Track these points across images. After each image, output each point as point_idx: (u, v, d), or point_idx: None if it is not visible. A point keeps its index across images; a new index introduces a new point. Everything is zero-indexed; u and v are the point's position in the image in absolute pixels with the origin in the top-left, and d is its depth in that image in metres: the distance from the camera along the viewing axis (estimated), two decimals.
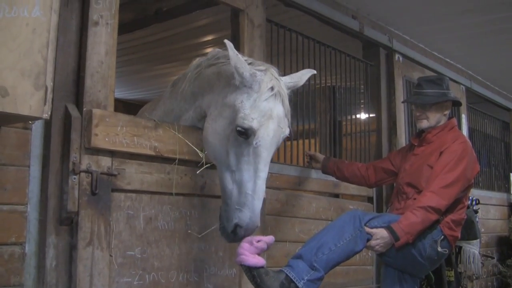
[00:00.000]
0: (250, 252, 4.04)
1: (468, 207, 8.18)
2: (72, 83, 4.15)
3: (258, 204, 3.90)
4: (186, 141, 4.40)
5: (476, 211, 8.50)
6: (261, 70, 4.10)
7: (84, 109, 4.05)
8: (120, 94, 12.80)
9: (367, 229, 4.80)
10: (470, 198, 8.72)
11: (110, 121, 4.10)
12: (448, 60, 9.67)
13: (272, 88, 4.02)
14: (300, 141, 7.11)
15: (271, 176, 5.78)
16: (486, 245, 9.89)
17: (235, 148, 3.97)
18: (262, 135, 3.92)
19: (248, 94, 3.99)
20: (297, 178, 6.33)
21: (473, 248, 8.07)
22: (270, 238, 4.18)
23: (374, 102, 8.07)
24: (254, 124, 3.89)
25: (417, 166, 5.33)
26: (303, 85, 7.03)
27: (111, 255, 4.10)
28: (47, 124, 3.94)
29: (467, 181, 5.17)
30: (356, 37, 7.73)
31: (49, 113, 3.26)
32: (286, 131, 4.15)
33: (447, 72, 9.55)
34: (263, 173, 3.95)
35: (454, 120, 5.56)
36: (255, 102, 3.95)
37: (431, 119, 5.43)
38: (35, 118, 3.34)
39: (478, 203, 8.88)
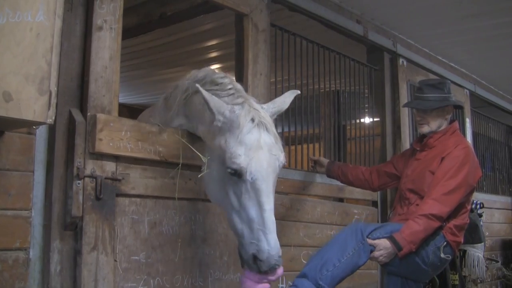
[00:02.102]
0: (254, 281, 3.88)
1: (472, 211, 8.19)
2: (76, 88, 4.15)
3: (272, 237, 3.77)
4: (190, 146, 4.39)
5: (480, 215, 8.49)
6: (238, 104, 4.00)
7: (88, 114, 4.05)
8: (125, 98, 12.80)
9: (370, 241, 4.81)
10: (474, 201, 8.72)
11: (115, 126, 4.10)
12: (453, 65, 9.66)
13: (252, 120, 3.90)
14: (305, 146, 7.12)
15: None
16: (490, 249, 9.87)
17: (233, 188, 3.89)
18: (255, 168, 3.80)
19: (230, 132, 3.88)
20: (302, 182, 6.32)
21: (477, 252, 8.06)
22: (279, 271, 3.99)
23: (379, 107, 8.06)
24: (242, 161, 3.78)
25: (419, 171, 5.29)
26: (307, 89, 7.05)
27: (115, 260, 4.10)
28: (51, 129, 3.94)
29: (470, 187, 5.14)
30: (360, 41, 7.73)
31: (53, 118, 3.26)
32: (281, 158, 4.00)
33: (452, 76, 9.53)
34: (268, 205, 3.83)
35: (456, 124, 5.52)
36: (238, 138, 3.83)
37: (432, 124, 5.38)
38: (39, 123, 3.33)
39: (482, 206, 8.87)
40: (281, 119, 6.59)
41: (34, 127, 3.75)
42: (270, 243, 3.73)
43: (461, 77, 9.94)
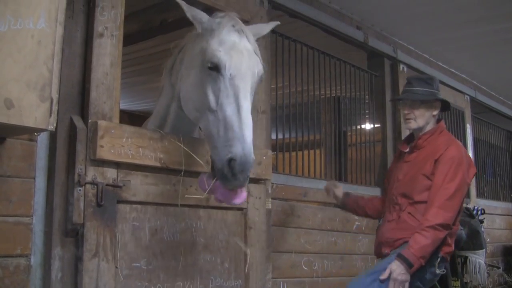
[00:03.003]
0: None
1: (473, 217, 8.19)
2: (77, 95, 4.16)
3: (248, 135, 3.69)
4: (191, 153, 4.39)
5: (481, 221, 8.48)
6: (221, 16, 4.13)
7: (90, 120, 4.06)
8: (125, 105, 12.81)
9: (383, 276, 4.70)
10: (475, 207, 8.73)
11: (116, 133, 4.10)
12: (453, 70, 9.67)
13: (233, 26, 4.03)
14: (306, 152, 7.11)
15: (276, 187, 5.79)
16: (491, 255, 9.86)
17: (211, 86, 3.89)
18: (233, 65, 3.85)
19: (211, 35, 3.99)
20: (303, 189, 6.32)
21: (478, 258, 8.05)
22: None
23: (379, 112, 8.06)
24: (222, 55, 3.85)
25: (411, 175, 5.13)
26: (308, 96, 7.05)
27: (116, 267, 4.10)
28: (53, 135, 3.94)
29: (467, 186, 5.07)
30: (360, 47, 7.74)
31: (55, 124, 3.27)
32: (260, 66, 4.06)
33: (452, 82, 9.56)
34: (245, 103, 3.82)
35: (443, 123, 5.39)
36: (219, 37, 3.94)
37: (419, 118, 5.20)
38: (40, 130, 3.34)
39: (483, 213, 8.87)
40: (281, 125, 6.60)
41: (35, 133, 3.75)
42: (245, 140, 3.66)
43: (461, 83, 9.96)
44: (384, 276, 4.68)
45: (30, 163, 3.82)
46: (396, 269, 4.63)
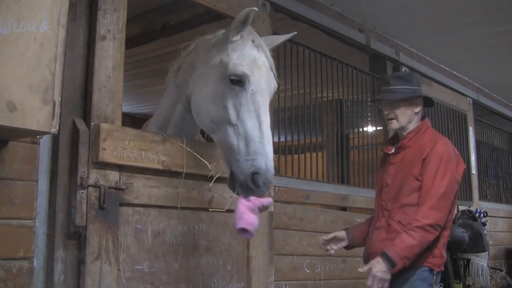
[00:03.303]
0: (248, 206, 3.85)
1: (476, 220, 8.18)
2: (80, 98, 4.16)
3: (270, 149, 3.83)
4: (195, 153, 4.39)
5: (484, 224, 8.47)
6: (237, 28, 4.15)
7: (92, 123, 4.06)
8: (128, 108, 12.81)
9: (362, 269, 4.57)
10: (478, 210, 8.71)
11: (118, 136, 4.10)
12: (455, 73, 9.67)
13: (253, 41, 4.10)
14: (308, 155, 7.11)
15: (278, 190, 5.79)
16: (494, 258, 9.85)
17: (232, 100, 3.95)
18: (256, 81, 3.96)
19: (233, 48, 4.05)
20: (305, 191, 6.32)
21: (481, 261, 8.05)
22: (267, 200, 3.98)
23: (381, 115, 8.04)
24: (246, 69, 3.94)
25: (400, 178, 4.86)
26: (310, 98, 7.06)
27: (119, 269, 4.10)
28: (55, 138, 3.94)
29: (458, 183, 4.85)
30: (362, 50, 7.74)
31: (57, 127, 3.27)
32: (275, 83, 4.20)
33: (454, 85, 9.56)
34: (266, 118, 3.93)
35: (427, 121, 5.12)
36: (241, 52, 4.01)
37: (401, 118, 4.93)
38: (43, 133, 3.35)
39: (486, 215, 8.85)
40: (283, 128, 6.61)
41: (38, 136, 3.75)
42: (268, 155, 3.79)
43: (463, 85, 9.96)
44: (363, 269, 4.56)
45: (33, 166, 3.82)
46: (377, 266, 4.45)
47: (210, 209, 4.58)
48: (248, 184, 3.77)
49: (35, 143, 3.83)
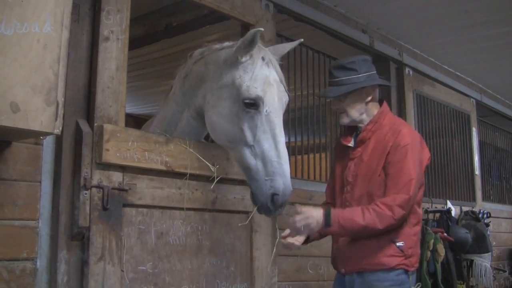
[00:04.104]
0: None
1: (479, 220, 8.17)
2: (83, 99, 4.17)
3: (287, 169, 3.95)
4: (198, 155, 4.40)
5: (487, 225, 8.47)
6: (245, 44, 4.15)
7: (95, 124, 4.06)
8: (131, 109, 12.82)
9: (297, 207, 4.27)
10: (481, 211, 8.71)
11: (121, 136, 4.10)
12: (459, 74, 9.66)
13: (263, 58, 4.14)
14: (311, 155, 7.11)
15: None
16: (497, 259, 9.84)
17: (247, 123, 4.04)
18: (269, 101, 4.04)
19: (244, 69, 4.10)
20: (308, 192, 6.31)
21: (484, 262, 8.05)
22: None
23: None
24: (259, 92, 4.01)
25: (362, 176, 4.48)
26: (314, 99, 7.05)
27: (122, 270, 4.10)
28: (58, 139, 3.94)
29: (423, 173, 4.49)
30: (366, 51, 7.73)
31: (60, 128, 3.27)
32: (286, 96, 4.27)
33: (458, 86, 9.55)
34: (281, 137, 4.02)
35: (386, 106, 4.71)
36: (253, 73, 4.05)
37: (351, 112, 4.54)
38: (46, 134, 3.35)
39: (489, 216, 8.86)
40: (287, 128, 6.61)
41: (41, 137, 3.75)
42: (285, 174, 3.92)
43: (467, 86, 9.94)
44: (298, 209, 4.25)
45: (36, 167, 3.83)
46: (314, 212, 4.21)
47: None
48: (268, 205, 3.94)
49: (38, 144, 3.83)
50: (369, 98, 4.58)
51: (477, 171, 9.98)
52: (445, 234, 7.26)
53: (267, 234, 5.19)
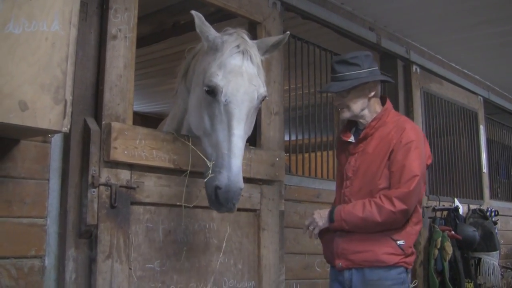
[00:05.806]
0: None
1: (487, 219, 8.16)
2: (91, 97, 4.18)
3: (235, 163, 3.73)
4: (197, 150, 4.37)
5: (495, 223, 8.46)
6: (229, 34, 4.12)
7: (103, 122, 4.07)
8: (138, 107, 12.83)
9: (307, 221, 4.55)
10: (489, 209, 8.70)
11: (129, 134, 4.11)
12: (466, 71, 9.63)
13: (238, 46, 3.99)
14: (318, 153, 7.10)
15: (289, 188, 5.78)
16: (505, 257, 9.81)
17: (207, 110, 3.94)
18: (230, 91, 3.84)
19: (214, 56, 3.99)
20: (316, 190, 6.30)
21: (492, 260, 8.04)
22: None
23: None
24: (219, 80, 3.84)
25: (363, 172, 4.50)
26: (321, 97, 7.05)
27: (130, 268, 4.11)
28: (66, 137, 3.95)
29: (425, 171, 4.50)
30: (373, 49, 7.72)
31: (68, 126, 3.28)
32: (261, 90, 4.02)
33: (465, 83, 9.53)
34: (237, 130, 3.81)
35: (389, 103, 4.74)
36: (220, 60, 3.92)
37: (353, 107, 4.54)
38: (54, 132, 3.36)
39: (497, 214, 8.84)
40: (294, 126, 6.61)
41: (49, 135, 3.77)
42: (232, 168, 3.70)
43: (474, 84, 9.92)
44: (308, 221, 4.51)
45: (44, 165, 3.84)
46: (321, 212, 4.47)
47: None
48: (212, 198, 3.77)
49: (46, 142, 3.84)
50: (372, 93, 4.58)
51: (484, 169, 9.96)
52: (453, 232, 7.26)
53: (275, 232, 5.20)
